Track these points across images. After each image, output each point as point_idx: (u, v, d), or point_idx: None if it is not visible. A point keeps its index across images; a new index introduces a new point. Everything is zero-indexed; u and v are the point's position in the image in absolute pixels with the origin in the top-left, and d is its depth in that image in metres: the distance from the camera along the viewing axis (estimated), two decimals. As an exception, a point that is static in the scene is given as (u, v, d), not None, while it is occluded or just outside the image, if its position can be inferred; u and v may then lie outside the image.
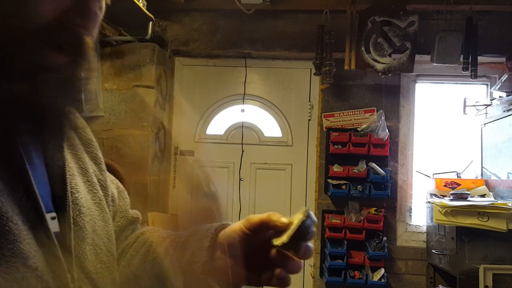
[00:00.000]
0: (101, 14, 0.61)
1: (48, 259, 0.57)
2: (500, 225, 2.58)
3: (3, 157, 0.55)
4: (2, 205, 0.53)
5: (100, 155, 0.81)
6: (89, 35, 0.59)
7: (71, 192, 0.65)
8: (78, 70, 0.59)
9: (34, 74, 0.54)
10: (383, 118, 3.33)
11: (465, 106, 3.35)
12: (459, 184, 3.18)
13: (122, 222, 0.87)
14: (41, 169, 0.62)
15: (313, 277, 3.46)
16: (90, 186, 0.73)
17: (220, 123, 3.62)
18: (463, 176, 3.34)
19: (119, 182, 0.90)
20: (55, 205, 0.62)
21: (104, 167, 0.81)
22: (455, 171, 3.36)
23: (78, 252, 0.63)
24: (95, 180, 0.75)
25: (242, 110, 3.61)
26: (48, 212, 0.60)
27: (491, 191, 3.09)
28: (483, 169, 3.34)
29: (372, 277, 3.19)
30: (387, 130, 3.29)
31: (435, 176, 3.29)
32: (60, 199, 0.63)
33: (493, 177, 3.19)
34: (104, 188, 0.78)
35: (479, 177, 3.33)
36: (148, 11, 2.83)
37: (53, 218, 0.61)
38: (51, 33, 0.55)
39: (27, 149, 0.58)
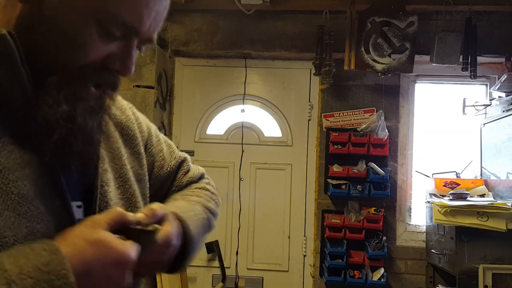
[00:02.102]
0: (132, 68, 0.73)
1: None
2: (499, 225, 2.59)
3: (36, 148, 0.64)
4: (25, 188, 0.61)
5: (142, 150, 0.92)
6: (122, 78, 0.73)
7: (101, 185, 0.74)
8: (110, 100, 0.73)
9: (78, 101, 0.66)
10: (382, 118, 3.34)
11: (464, 106, 3.36)
12: (458, 184, 3.19)
13: (173, 163, 1.02)
14: (76, 164, 0.69)
15: (313, 277, 3.47)
16: (122, 182, 0.82)
17: (220, 123, 3.63)
18: (462, 176, 3.34)
19: (177, 154, 1.04)
20: (85, 196, 0.71)
21: (145, 161, 0.91)
22: (455, 171, 3.36)
23: None
24: (130, 175, 0.84)
25: (242, 110, 3.61)
26: (74, 200, 0.68)
27: (490, 191, 3.09)
28: (482, 169, 3.35)
29: (372, 277, 3.19)
30: (386, 130, 3.30)
31: (435, 176, 3.30)
32: (90, 191, 0.72)
33: (492, 177, 3.20)
34: (141, 181, 0.88)
35: (479, 177, 3.34)
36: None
37: (79, 207, 0.69)
38: (95, 71, 0.67)
39: (62, 146, 0.66)
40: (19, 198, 0.60)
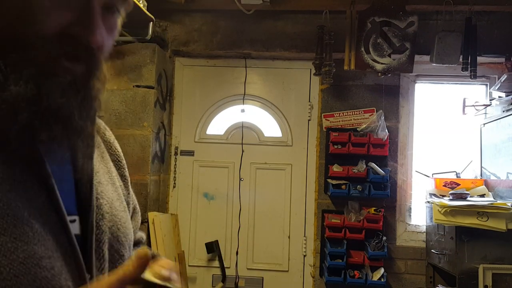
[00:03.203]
0: (112, 31, 0.65)
1: (66, 259, 0.59)
2: (499, 225, 2.59)
3: (27, 163, 0.58)
4: (19, 209, 0.55)
5: (127, 174, 0.86)
6: (98, 47, 0.62)
7: (96, 197, 0.68)
8: (91, 79, 0.63)
9: (44, 78, 0.57)
10: (382, 118, 3.34)
11: (464, 106, 3.36)
12: (458, 184, 3.19)
13: (132, 206, 0.93)
14: (68, 174, 0.64)
15: (313, 277, 3.47)
16: (118, 196, 0.76)
17: (220, 123, 3.63)
18: (462, 176, 3.35)
19: (137, 204, 0.95)
20: (80, 209, 0.65)
21: (130, 187, 0.86)
22: (455, 171, 3.36)
23: (98, 254, 0.65)
24: (120, 191, 0.78)
25: (242, 110, 3.61)
26: (70, 215, 0.62)
27: (490, 191, 3.10)
28: (482, 169, 3.35)
29: (372, 277, 3.19)
30: (386, 130, 3.30)
31: (435, 176, 3.30)
32: (86, 203, 0.66)
33: (492, 177, 3.20)
34: (128, 204, 0.82)
35: (479, 177, 3.34)
36: (149, 12, 2.84)
37: (73, 221, 0.63)
38: (58, 43, 0.58)
39: (53, 154, 0.60)
40: (15, 220, 0.55)
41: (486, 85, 3.51)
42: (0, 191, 0.54)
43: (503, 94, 3.13)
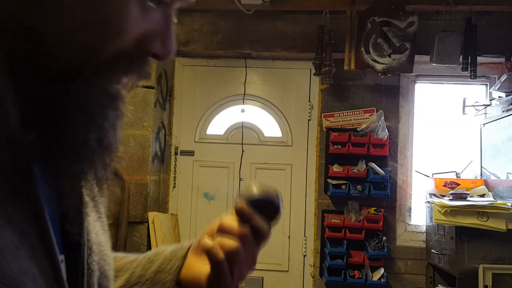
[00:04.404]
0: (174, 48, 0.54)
1: None
2: (499, 225, 2.59)
3: (17, 194, 0.45)
4: (14, 248, 0.43)
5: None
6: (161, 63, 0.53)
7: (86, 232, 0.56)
8: (123, 98, 0.51)
9: (103, 105, 0.46)
10: (382, 118, 3.34)
11: (464, 106, 3.36)
12: (458, 184, 3.19)
13: None
14: (54, 205, 0.52)
15: (313, 277, 3.47)
16: (99, 217, 0.62)
17: (220, 123, 3.63)
18: (462, 176, 3.35)
19: None
20: (66, 246, 0.53)
21: (104, 212, 0.69)
22: (455, 171, 3.36)
23: None
24: (102, 211, 0.64)
25: (242, 110, 3.62)
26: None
27: (490, 191, 3.10)
28: (482, 169, 3.35)
29: (372, 277, 3.19)
30: (386, 130, 3.30)
31: (435, 176, 3.30)
32: (74, 240, 0.53)
33: (492, 177, 3.20)
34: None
35: (479, 177, 3.34)
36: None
37: (61, 261, 0.51)
38: (130, 60, 0.48)
39: (41, 180, 0.48)
40: (13, 280, 0.41)
41: (486, 85, 3.51)
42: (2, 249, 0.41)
43: (503, 94, 3.13)
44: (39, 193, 0.46)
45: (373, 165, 3.24)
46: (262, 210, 0.66)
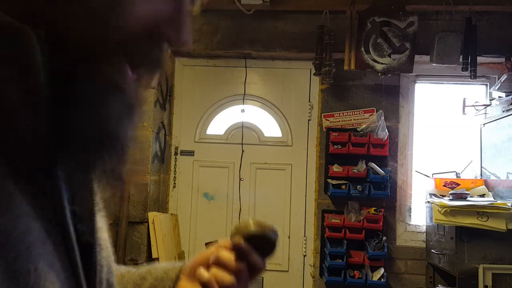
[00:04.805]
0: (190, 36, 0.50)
1: None
2: (499, 225, 2.59)
3: (42, 189, 0.43)
4: (37, 257, 0.40)
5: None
6: (175, 53, 0.50)
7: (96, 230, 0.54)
8: (142, 92, 0.48)
9: (106, 95, 0.43)
10: (382, 118, 3.34)
11: (464, 106, 3.36)
12: (458, 184, 3.19)
13: None
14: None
15: (313, 277, 3.47)
16: (103, 218, 0.61)
17: (220, 123, 3.63)
18: (462, 176, 3.34)
19: None
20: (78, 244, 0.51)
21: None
22: (455, 171, 3.36)
23: None
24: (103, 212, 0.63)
25: (242, 110, 3.62)
26: None
27: (490, 191, 3.09)
28: (482, 169, 3.35)
29: (372, 277, 3.19)
30: (386, 130, 3.30)
31: (435, 176, 3.30)
32: (85, 238, 0.51)
33: (492, 177, 3.20)
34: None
35: (479, 177, 3.34)
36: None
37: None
38: (139, 46, 0.44)
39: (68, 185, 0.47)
40: (36, 276, 0.40)
41: (486, 85, 3.51)
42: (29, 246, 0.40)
43: (503, 94, 3.13)
44: (61, 188, 0.45)
45: (373, 165, 3.24)
46: (258, 246, 0.68)
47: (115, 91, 0.43)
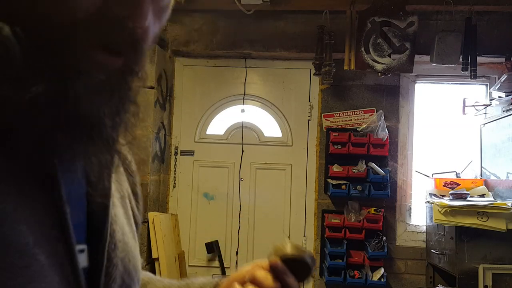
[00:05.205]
0: (161, 14, 0.51)
1: None
2: (499, 225, 2.59)
3: (38, 179, 0.46)
4: (23, 235, 0.43)
5: (139, 191, 0.70)
6: (142, 35, 0.48)
7: (110, 223, 0.55)
8: (129, 77, 0.49)
9: (73, 76, 0.43)
10: (382, 118, 3.34)
11: (464, 106, 3.36)
12: (458, 184, 3.19)
13: None
14: (81, 194, 0.52)
15: (312, 277, 3.47)
16: (127, 219, 0.63)
17: (220, 123, 3.63)
18: (462, 176, 3.35)
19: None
20: (90, 236, 0.53)
21: (140, 203, 0.70)
22: (455, 171, 3.36)
23: None
24: (130, 213, 0.65)
25: (242, 110, 3.62)
26: (78, 243, 0.50)
27: (490, 191, 3.09)
28: (482, 169, 3.35)
29: (372, 277, 3.19)
30: (386, 130, 3.30)
31: (435, 176, 3.30)
32: (97, 229, 0.54)
33: (492, 177, 3.20)
34: (137, 226, 0.68)
35: (479, 177, 3.34)
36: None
37: (81, 251, 0.51)
38: (94, 28, 0.44)
39: (70, 170, 0.49)
40: (17, 250, 0.43)
41: (486, 85, 3.51)
42: (2, 212, 0.42)
43: (503, 94, 3.13)
44: (60, 180, 0.47)
45: (373, 165, 3.24)
46: (294, 269, 0.69)
47: (79, 74, 0.44)
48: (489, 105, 3.28)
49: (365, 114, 3.43)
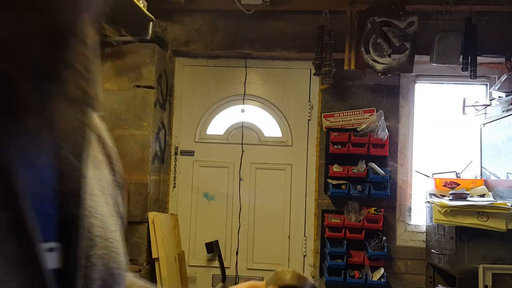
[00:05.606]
0: None
1: None
2: (499, 225, 2.59)
3: None
4: None
5: (121, 179, 0.63)
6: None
7: (86, 216, 0.49)
8: (66, 37, 0.42)
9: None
10: (382, 118, 3.34)
11: (464, 106, 3.36)
12: (458, 184, 3.19)
13: None
14: (48, 184, 0.46)
15: (313, 277, 3.46)
16: (110, 210, 0.56)
17: (220, 123, 3.63)
18: (462, 176, 3.35)
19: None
20: (63, 232, 0.46)
21: (124, 193, 0.63)
22: (455, 171, 3.36)
23: None
24: (112, 203, 0.58)
25: (242, 110, 3.62)
26: (48, 241, 0.44)
27: (490, 191, 3.10)
28: (482, 169, 3.35)
29: (372, 277, 3.19)
30: (386, 130, 3.30)
31: (435, 176, 3.30)
32: (71, 225, 0.47)
33: (492, 177, 3.20)
34: (121, 216, 0.61)
35: (479, 177, 3.34)
36: (149, 12, 2.84)
37: (51, 250, 0.44)
38: None
39: (27, 155, 0.43)
40: None
41: (486, 85, 3.51)
42: None
43: (503, 94, 3.13)
44: (13, 170, 0.40)
45: (373, 165, 3.24)
46: None
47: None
48: (489, 105, 3.28)
49: (365, 114, 3.43)
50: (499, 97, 3.15)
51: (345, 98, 3.47)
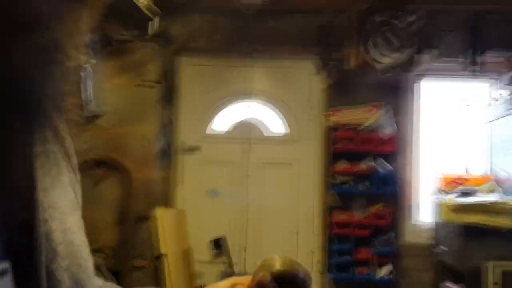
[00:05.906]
0: None
1: None
2: (508, 222, 2.57)
3: None
4: None
5: (75, 161, 0.48)
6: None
7: (44, 220, 0.38)
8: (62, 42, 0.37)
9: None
10: (389, 114, 3.32)
11: (471, 103, 3.33)
12: (466, 181, 3.17)
13: None
14: None
15: (320, 273, 3.46)
16: (69, 201, 0.44)
17: (224, 121, 3.64)
18: (471, 173, 3.32)
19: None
20: (14, 248, 0.35)
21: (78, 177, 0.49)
22: (463, 168, 3.34)
23: None
24: (71, 191, 0.46)
25: (247, 108, 3.62)
26: None
27: (499, 188, 3.07)
28: (491, 165, 3.33)
29: (379, 273, 3.19)
30: (394, 126, 3.28)
31: (443, 172, 3.28)
32: (22, 233, 0.36)
33: (501, 174, 3.17)
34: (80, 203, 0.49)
35: (487, 174, 3.31)
36: (151, 11, 2.84)
37: (0, 273, 0.34)
38: None
39: None
40: None
41: (495, 80, 3.47)
42: None
43: (508, 91, 3.10)
44: None
45: (380, 161, 3.23)
46: (284, 286, 0.62)
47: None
48: (495, 102, 3.25)
49: (372, 110, 3.41)
50: (506, 94, 3.12)
51: (351, 95, 3.45)
